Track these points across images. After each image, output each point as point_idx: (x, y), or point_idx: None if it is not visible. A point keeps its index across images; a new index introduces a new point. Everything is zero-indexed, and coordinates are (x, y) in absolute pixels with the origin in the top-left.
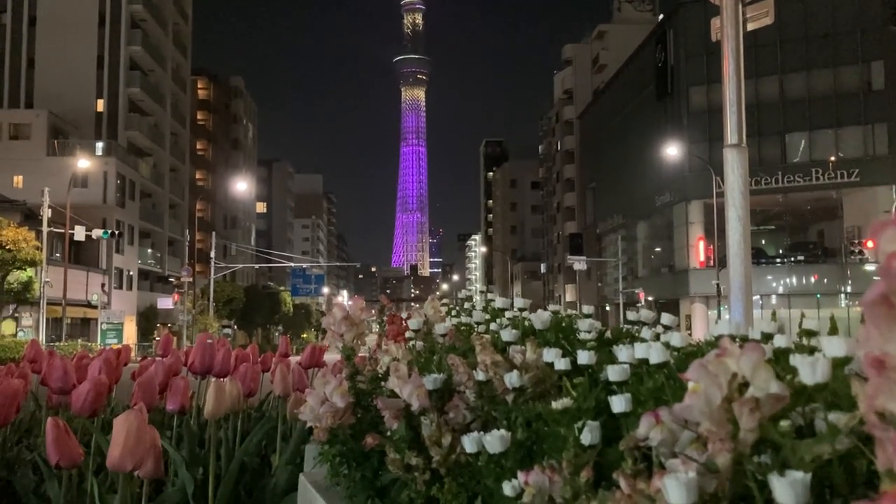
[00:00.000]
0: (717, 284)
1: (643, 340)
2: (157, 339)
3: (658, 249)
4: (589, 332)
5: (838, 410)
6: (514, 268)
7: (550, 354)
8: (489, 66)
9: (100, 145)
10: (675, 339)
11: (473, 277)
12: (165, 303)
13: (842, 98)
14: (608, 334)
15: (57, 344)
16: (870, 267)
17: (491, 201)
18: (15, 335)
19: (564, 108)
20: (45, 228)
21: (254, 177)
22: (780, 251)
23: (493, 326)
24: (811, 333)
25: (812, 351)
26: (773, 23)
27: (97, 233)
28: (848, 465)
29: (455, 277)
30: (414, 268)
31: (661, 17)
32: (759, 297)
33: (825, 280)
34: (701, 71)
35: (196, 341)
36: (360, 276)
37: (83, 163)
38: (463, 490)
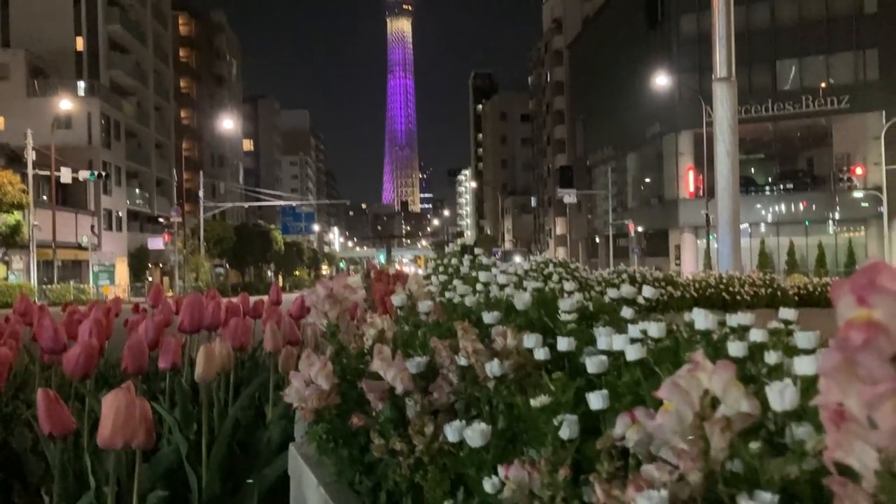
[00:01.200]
0: (707, 215)
1: (624, 321)
2: (150, 279)
3: (648, 180)
4: (570, 312)
5: (808, 422)
6: (504, 202)
7: (531, 341)
8: None
9: (81, 85)
10: (653, 329)
11: (464, 213)
12: (156, 243)
13: (834, 23)
14: (590, 306)
15: (49, 286)
16: (858, 194)
17: (481, 135)
18: (6, 278)
19: (554, 37)
20: (30, 171)
21: (239, 114)
22: (770, 179)
23: (480, 284)
24: (788, 323)
25: (788, 350)
26: None
27: (84, 174)
28: (816, 482)
29: (446, 213)
30: (405, 204)
31: None
32: (747, 225)
33: (814, 207)
34: None
35: (185, 301)
36: (351, 214)
37: (65, 103)
38: (446, 477)
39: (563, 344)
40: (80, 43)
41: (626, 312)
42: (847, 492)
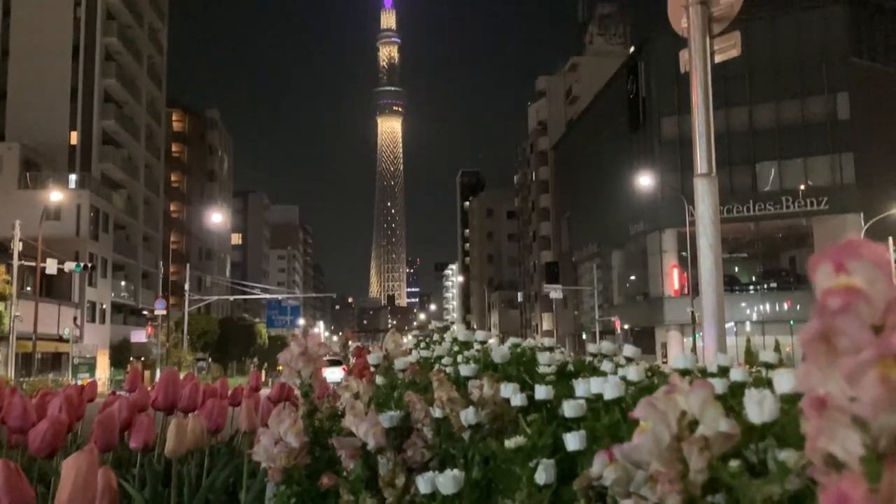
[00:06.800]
0: (692, 312)
1: (603, 373)
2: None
3: (633, 278)
4: (548, 365)
5: (790, 447)
6: (491, 297)
7: (507, 390)
8: (464, 98)
9: (73, 178)
10: (632, 372)
11: (451, 307)
12: (139, 336)
13: (810, 128)
14: (570, 366)
15: (26, 379)
16: None
17: (468, 231)
18: None
19: (539, 138)
20: (14, 262)
21: (229, 208)
22: (753, 278)
23: (458, 359)
24: (770, 366)
25: (770, 385)
26: (740, 55)
27: (69, 266)
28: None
29: (433, 307)
30: (391, 298)
31: (632, 49)
32: (733, 324)
33: (798, 307)
34: (672, 102)
35: (160, 377)
36: (337, 307)
37: (56, 195)
38: None
39: (542, 392)
40: (74, 137)
41: (606, 367)
42: (831, 481)
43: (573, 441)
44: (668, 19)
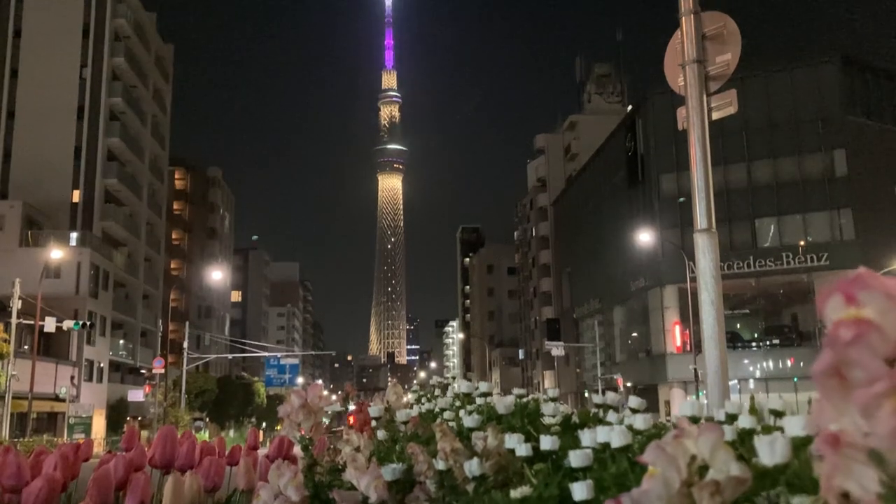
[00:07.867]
0: (695, 369)
1: (609, 424)
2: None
3: (635, 334)
4: (553, 416)
5: (803, 493)
6: (492, 354)
7: (512, 440)
8: (464, 156)
9: (74, 236)
10: (639, 421)
11: (451, 364)
12: (136, 395)
13: (808, 184)
14: (575, 418)
15: (20, 440)
16: None
17: (468, 287)
18: None
19: (538, 195)
20: (14, 320)
21: (230, 265)
22: (756, 335)
23: (461, 413)
24: (778, 413)
25: (780, 430)
26: (737, 112)
27: (68, 324)
28: None
29: (433, 364)
30: (391, 356)
31: (629, 107)
32: (736, 381)
33: (801, 363)
34: (670, 159)
35: (158, 434)
36: (336, 365)
37: (56, 253)
38: None
39: (547, 443)
40: (76, 195)
41: (612, 417)
42: None
43: (580, 491)
44: (666, 78)
